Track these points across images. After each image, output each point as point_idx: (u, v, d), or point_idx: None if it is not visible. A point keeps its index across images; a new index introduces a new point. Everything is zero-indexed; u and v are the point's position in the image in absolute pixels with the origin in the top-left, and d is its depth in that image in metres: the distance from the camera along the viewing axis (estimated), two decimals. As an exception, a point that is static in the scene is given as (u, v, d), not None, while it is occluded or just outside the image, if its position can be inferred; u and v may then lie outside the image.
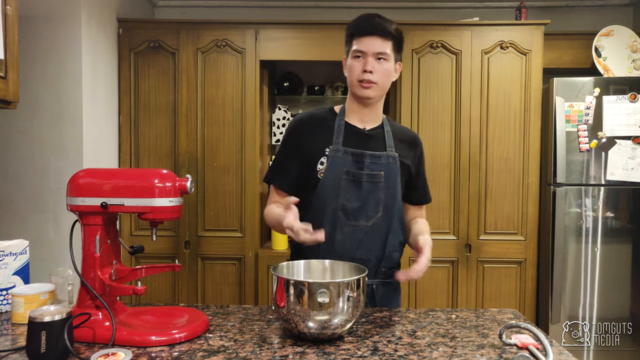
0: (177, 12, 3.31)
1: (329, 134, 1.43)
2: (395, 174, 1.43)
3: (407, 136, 1.52)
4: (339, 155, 1.40)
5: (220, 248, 2.76)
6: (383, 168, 1.41)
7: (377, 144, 1.44)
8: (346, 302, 1.07)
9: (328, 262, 1.29)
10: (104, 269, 1.15)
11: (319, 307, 1.06)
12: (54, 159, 2.37)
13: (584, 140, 2.60)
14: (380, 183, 1.40)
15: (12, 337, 1.16)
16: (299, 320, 1.08)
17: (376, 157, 1.41)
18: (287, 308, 1.08)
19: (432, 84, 2.73)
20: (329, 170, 1.39)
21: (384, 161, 1.42)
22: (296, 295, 1.07)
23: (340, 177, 1.39)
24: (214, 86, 2.74)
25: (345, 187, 1.39)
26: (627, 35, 2.80)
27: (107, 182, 1.14)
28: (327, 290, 1.06)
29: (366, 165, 1.40)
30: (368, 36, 1.37)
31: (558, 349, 1.10)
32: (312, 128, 1.46)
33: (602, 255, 2.62)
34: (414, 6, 3.24)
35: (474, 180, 2.72)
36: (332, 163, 1.39)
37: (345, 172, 1.39)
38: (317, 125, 1.46)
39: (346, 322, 1.10)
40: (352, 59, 1.40)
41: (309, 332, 1.09)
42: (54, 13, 2.34)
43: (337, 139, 1.42)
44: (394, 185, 1.42)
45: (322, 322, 1.07)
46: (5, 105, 1.38)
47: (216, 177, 2.75)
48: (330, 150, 1.40)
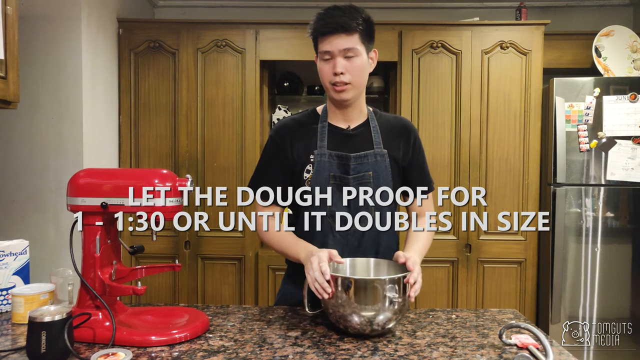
0: (177, 12, 3.31)
1: (313, 139, 1.38)
2: (385, 171, 1.37)
3: (396, 126, 1.44)
4: (325, 159, 1.35)
5: (220, 248, 2.76)
6: (371, 167, 1.36)
7: (362, 142, 1.39)
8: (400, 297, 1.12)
9: (373, 261, 1.31)
10: (104, 269, 1.15)
11: (382, 302, 1.10)
12: (54, 159, 2.37)
13: (584, 140, 2.60)
14: (369, 183, 1.35)
15: (12, 337, 1.16)
16: (349, 314, 1.11)
17: (361, 157, 1.36)
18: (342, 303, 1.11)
19: (432, 84, 2.73)
20: (315, 176, 1.35)
21: (371, 160, 1.36)
22: (353, 291, 1.10)
23: (327, 182, 1.34)
24: (214, 86, 2.74)
25: (334, 192, 1.34)
26: (627, 35, 2.80)
27: (107, 182, 1.14)
28: (395, 286, 1.11)
29: (352, 168, 1.35)
30: (331, 35, 1.27)
31: (558, 349, 1.10)
32: (295, 135, 1.40)
33: (602, 255, 2.62)
34: (414, 6, 3.23)
35: (474, 180, 2.72)
36: (318, 168, 1.35)
37: (332, 176, 1.35)
38: (301, 131, 1.40)
39: (395, 318, 1.14)
40: (321, 62, 1.33)
41: (359, 327, 1.12)
42: (54, 13, 2.34)
43: (322, 143, 1.37)
44: (385, 183, 1.36)
45: (369, 318, 1.11)
46: (5, 105, 1.38)
47: (216, 177, 2.75)
48: (316, 155, 1.36)
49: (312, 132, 1.40)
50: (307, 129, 1.41)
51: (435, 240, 2.78)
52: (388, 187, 1.34)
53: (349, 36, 1.27)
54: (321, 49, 1.31)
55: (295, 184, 1.37)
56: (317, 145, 1.37)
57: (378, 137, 1.40)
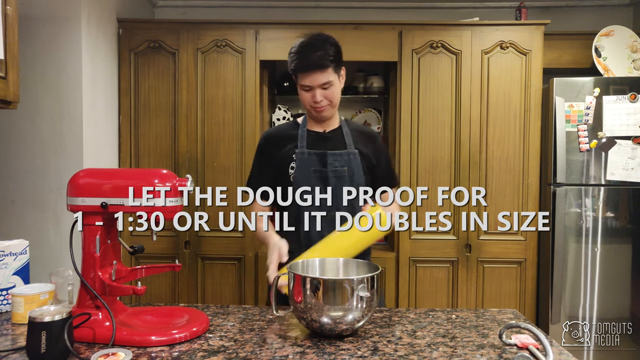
0: (177, 12, 3.31)
1: (295, 142, 1.61)
2: (357, 167, 1.59)
3: (364, 133, 1.70)
4: (305, 156, 1.58)
5: (220, 248, 2.76)
6: (346, 164, 1.58)
7: (337, 143, 1.62)
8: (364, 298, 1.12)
9: (342, 260, 1.32)
10: (104, 269, 1.15)
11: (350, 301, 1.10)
12: (54, 159, 2.37)
13: (584, 140, 2.60)
14: (344, 177, 1.57)
15: (12, 337, 1.16)
16: (314, 315, 1.11)
17: (336, 155, 1.58)
18: (307, 303, 1.11)
19: (432, 84, 2.73)
20: (298, 171, 1.56)
21: (345, 157, 1.59)
22: (315, 291, 1.10)
23: (310, 176, 1.55)
24: (214, 86, 2.74)
25: (315, 184, 1.52)
26: (627, 35, 2.80)
27: (107, 182, 1.15)
28: (365, 284, 1.11)
29: (329, 163, 1.57)
30: (308, 72, 1.51)
31: (558, 349, 1.11)
32: (279, 140, 1.64)
33: (602, 255, 2.62)
34: (414, 6, 3.23)
35: (474, 180, 2.72)
36: (300, 164, 1.57)
37: (313, 170, 1.56)
38: (284, 137, 1.64)
39: (362, 317, 1.13)
40: (302, 91, 1.56)
41: (326, 326, 1.12)
42: (54, 13, 2.34)
43: (302, 143, 1.60)
44: (358, 177, 1.58)
45: (336, 318, 1.11)
46: (5, 105, 1.38)
47: (216, 177, 2.75)
48: (297, 153, 1.58)
49: (294, 137, 1.63)
50: (290, 135, 1.64)
51: (435, 240, 2.81)
52: (361, 180, 1.57)
53: (323, 72, 1.51)
54: (301, 83, 1.55)
55: (283, 180, 1.55)
56: (298, 146, 1.60)
57: (350, 139, 1.63)
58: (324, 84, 1.52)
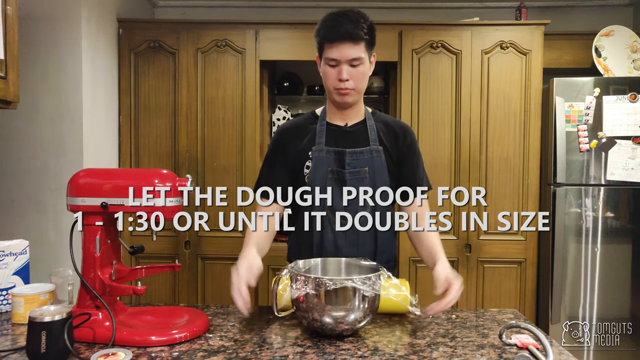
0: (177, 12, 3.31)
1: (312, 138, 1.43)
2: (380, 167, 1.40)
3: (393, 127, 1.47)
4: (322, 155, 1.40)
5: (220, 248, 2.76)
6: (366, 163, 1.40)
7: (359, 139, 1.43)
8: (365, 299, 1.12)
9: (344, 261, 1.31)
10: (104, 269, 1.15)
11: (352, 302, 1.10)
12: (54, 159, 2.37)
13: (584, 140, 2.60)
14: (365, 179, 1.39)
15: (12, 337, 1.16)
16: (316, 314, 1.11)
17: (357, 153, 1.40)
18: (309, 303, 1.11)
19: (432, 84, 2.73)
20: (314, 171, 1.40)
21: (366, 156, 1.40)
22: (318, 291, 1.10)
23: (326, 177, 1.39)
24: (214, 86, 2.74)
25: (331, 186, 1.38)
26: (627, 35, 2.80)
27: (107, 182, 1.14)
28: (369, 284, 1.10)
29: (347, 163, 1.39)
30: (339, 43, 1.32)
31: (558, 349, 1.10)
32: (295, 135, 1.46)
33: (602, 255, 2.62)
34: (414, 6, 3.23)
35: (474, 180, 2.72)
36: (316, 163, 1.40)
37: (330, 171, 1.39)
38: (300, 131, 1.46)
39: (364, 318, 1.13)
40: (326, 66, 1.36)
41: (328, 327, 1.12)
42: (54, 13, 2.34)
43: (320, 140, 1.42)
44: (381, 179, 1.40)
45: (338, 318, 1.10)
46: (5, 105, 1.38)
47: (216, 177, 2.75)
48: (314, 151, 1.41)
49: (311, 131, 1.45)
50: (306, 129, 1.46)
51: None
52: (387, 187, 1.36)
53: (355, 45, 1.31)
54: (327, 56, 1.34)
55: (297, 181, 1.41)
56: (315, 143, 1.42)
57: (374, 134, 1.43)
58: (354, 60, 1.32)
